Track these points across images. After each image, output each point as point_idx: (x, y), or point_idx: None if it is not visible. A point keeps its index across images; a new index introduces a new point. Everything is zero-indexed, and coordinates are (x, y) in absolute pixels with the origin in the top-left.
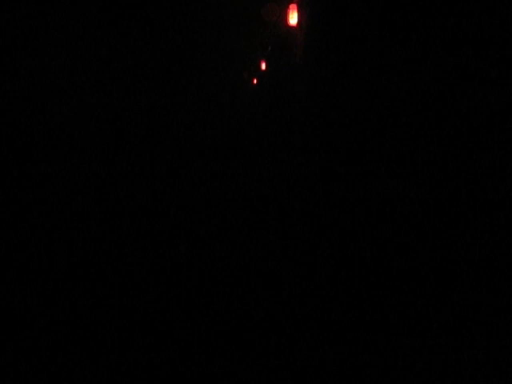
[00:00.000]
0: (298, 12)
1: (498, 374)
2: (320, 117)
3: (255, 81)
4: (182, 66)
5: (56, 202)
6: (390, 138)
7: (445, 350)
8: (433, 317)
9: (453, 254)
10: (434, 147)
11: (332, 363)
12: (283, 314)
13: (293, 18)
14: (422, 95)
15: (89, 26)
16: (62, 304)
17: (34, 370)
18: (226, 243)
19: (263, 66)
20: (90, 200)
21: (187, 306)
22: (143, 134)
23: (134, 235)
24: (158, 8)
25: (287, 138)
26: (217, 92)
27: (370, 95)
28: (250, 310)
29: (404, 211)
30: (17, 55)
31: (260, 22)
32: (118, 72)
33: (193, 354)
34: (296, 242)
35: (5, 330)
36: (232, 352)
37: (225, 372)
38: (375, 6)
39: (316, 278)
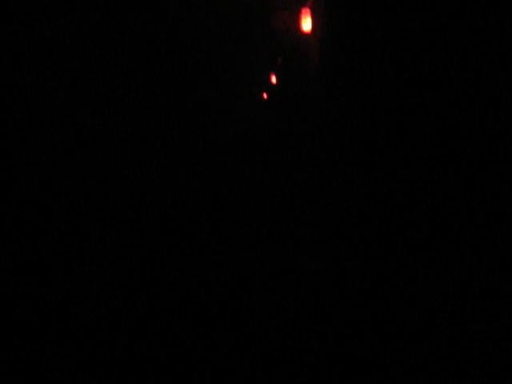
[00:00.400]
0: (312, 17)
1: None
2: (344, 133)
3: (265, 95)
4: (183, 82)
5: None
6: (424, 154)
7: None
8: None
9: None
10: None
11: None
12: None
13: (306, 24)
14: (457, 104)
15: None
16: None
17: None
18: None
19: (273, 80)
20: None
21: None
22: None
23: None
24: (160, 20)
25: (302, 153)
26: (221, 109)
27: (402, 108)
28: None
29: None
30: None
31: (268, 31)
32: (120, 88)
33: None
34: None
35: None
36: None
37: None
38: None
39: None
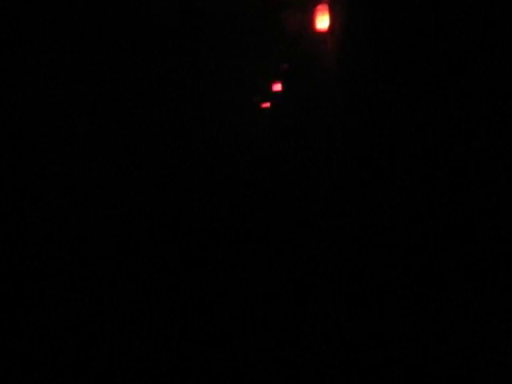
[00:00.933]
0: (330, 14)
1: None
2: (369, 143)
3: (269, 104)
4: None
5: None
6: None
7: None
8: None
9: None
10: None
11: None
12: None
13: (322, 22)
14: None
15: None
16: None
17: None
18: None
19: (279, 87)
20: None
21: None
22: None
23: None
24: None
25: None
26: (221, 119)
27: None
28: None
29: None
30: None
31: (274, 33)
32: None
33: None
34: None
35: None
36: None
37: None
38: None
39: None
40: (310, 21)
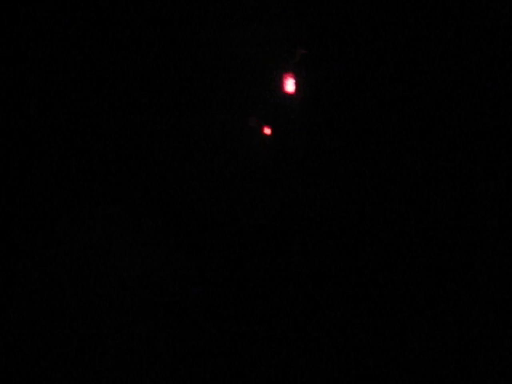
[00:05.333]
0: (295, 80)
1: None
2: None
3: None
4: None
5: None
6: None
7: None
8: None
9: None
10: None
11: None
12: None
13: (289, 86)
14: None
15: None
16: None
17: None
18: None
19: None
20: None
21: None
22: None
23: None
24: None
25: None
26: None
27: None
28: None
29: None
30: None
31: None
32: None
33: None
34: None
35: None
36: None
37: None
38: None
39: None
40: (280, 84)
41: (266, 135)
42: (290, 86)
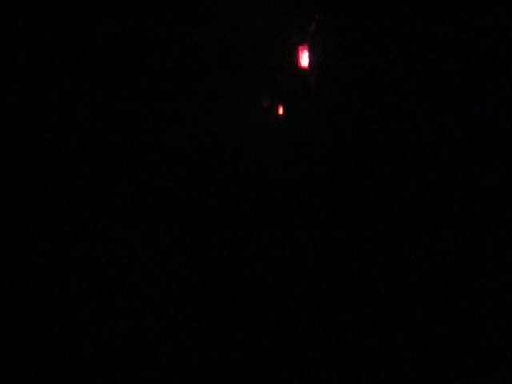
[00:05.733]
0: (309, 53)
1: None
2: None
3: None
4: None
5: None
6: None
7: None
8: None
9: None
10: None
11: None
12: None
13: (303, 60)
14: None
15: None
16: None
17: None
18: None
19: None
20: None
21: None
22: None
23: None
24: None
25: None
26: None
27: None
28: None
29: None
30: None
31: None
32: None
33: None
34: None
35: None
36: None
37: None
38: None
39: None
40: (295, 58)
41: (279, 114)
42: (304, 60)
